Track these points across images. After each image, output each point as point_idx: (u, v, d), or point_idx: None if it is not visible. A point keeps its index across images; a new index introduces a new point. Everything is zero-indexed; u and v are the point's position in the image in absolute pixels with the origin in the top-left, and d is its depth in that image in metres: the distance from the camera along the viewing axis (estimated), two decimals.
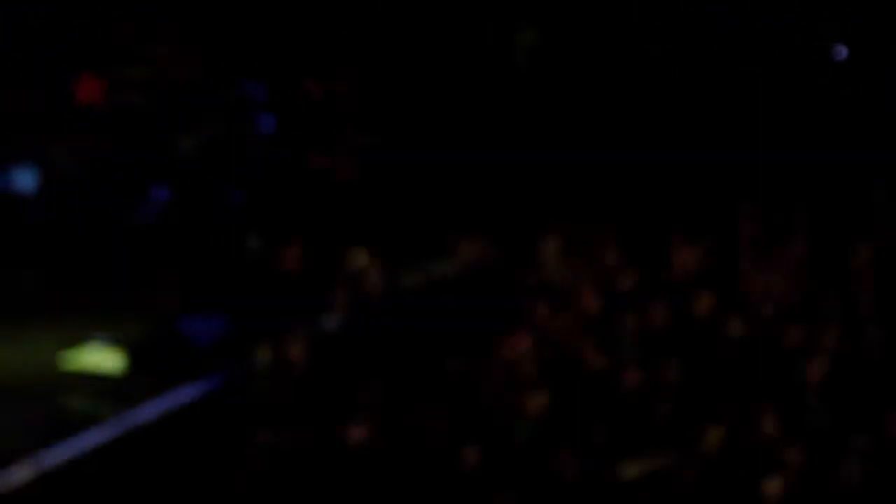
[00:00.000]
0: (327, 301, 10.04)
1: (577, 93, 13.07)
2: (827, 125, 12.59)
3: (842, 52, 13.23)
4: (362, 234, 10.84)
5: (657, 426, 9.01)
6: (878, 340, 9.62)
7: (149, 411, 9.58)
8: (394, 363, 9.42)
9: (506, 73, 13.14)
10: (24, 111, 12.65)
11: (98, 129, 12.51)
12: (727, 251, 10.62)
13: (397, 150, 12.21)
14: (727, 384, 9.33)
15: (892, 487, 8.66)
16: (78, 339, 10.37)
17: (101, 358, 10.22)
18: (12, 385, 9.60)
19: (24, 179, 12.43)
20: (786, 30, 13.17)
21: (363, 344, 9.65)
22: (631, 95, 13.01)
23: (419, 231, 11.49)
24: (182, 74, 12.71)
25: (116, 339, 10.32)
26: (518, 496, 8.66)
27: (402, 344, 9.58)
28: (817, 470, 8.70)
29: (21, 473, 8.68)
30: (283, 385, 9.31)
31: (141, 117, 12.52)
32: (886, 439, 8.87)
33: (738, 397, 9.20)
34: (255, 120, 12.00)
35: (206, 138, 12.01)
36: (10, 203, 12.41)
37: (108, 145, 12.47)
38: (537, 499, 8.66)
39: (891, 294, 10.12)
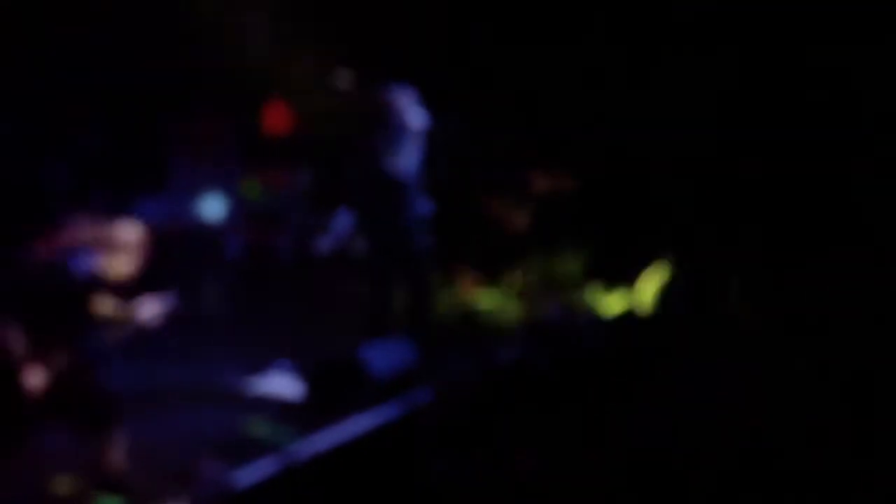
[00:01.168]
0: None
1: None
2: None
3: None
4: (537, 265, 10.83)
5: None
6: None
7: (326, 439, 9.64)
8: (565, 397, 9.35)
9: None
10: (213, 140, 12.89)
11: (284, 158, 12.69)
12: None
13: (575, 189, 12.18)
14: None
15: None
16: (259, 363, 10.49)
17: (281, 383, 10.31)
18: (192, 406, 9.72)
19: (213, 207, 12.64)
20: None
21: (535, 376, 9.61)
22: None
23: (598, 263, 11.43)
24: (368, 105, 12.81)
25: (297, 366, 10.42)
26: None
27: (575, 377, 9.52)
28: None
29: (197, 496, 8.79)
30: (457, 415, 9.32)
31: (321, 147, 12.68)
32: None
33: None
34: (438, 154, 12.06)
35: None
36: (200, 229, 12.64)
37: (294, 175, 12.65)
38: None
39: None
